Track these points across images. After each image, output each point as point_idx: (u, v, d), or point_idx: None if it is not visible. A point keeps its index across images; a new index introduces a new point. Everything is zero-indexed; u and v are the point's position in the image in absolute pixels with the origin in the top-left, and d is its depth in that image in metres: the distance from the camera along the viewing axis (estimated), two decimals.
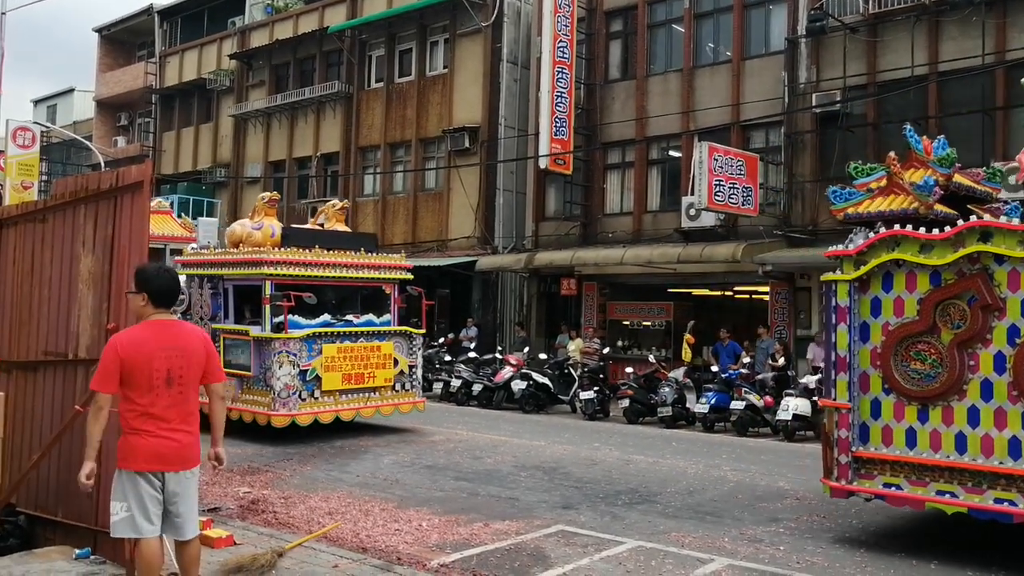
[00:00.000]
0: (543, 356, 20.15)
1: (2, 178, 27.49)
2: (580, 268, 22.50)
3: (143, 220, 5.95)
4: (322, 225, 14.72)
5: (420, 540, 7.49)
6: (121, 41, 41.98)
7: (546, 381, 18.36)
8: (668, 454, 12.70)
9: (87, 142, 35.25)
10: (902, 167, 9.07)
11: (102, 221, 6.24)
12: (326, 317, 13.17)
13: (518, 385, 18.25)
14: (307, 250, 12.97)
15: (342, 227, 14.63)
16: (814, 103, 19.36)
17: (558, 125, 22.30)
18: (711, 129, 20.99)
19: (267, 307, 12.44)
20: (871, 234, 7.94)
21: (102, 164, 31.38)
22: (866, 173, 9.38)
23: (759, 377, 16.12)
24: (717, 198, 18.48)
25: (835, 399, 7.87)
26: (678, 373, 17.15)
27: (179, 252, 17.08)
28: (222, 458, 5.20)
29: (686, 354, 18.44)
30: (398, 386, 13.69)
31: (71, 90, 47.42)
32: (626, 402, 16.82)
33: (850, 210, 9.09)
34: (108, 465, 5.98)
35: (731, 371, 16.55)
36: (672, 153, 22.43)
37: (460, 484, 10.02)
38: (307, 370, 12.49)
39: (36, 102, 49.93)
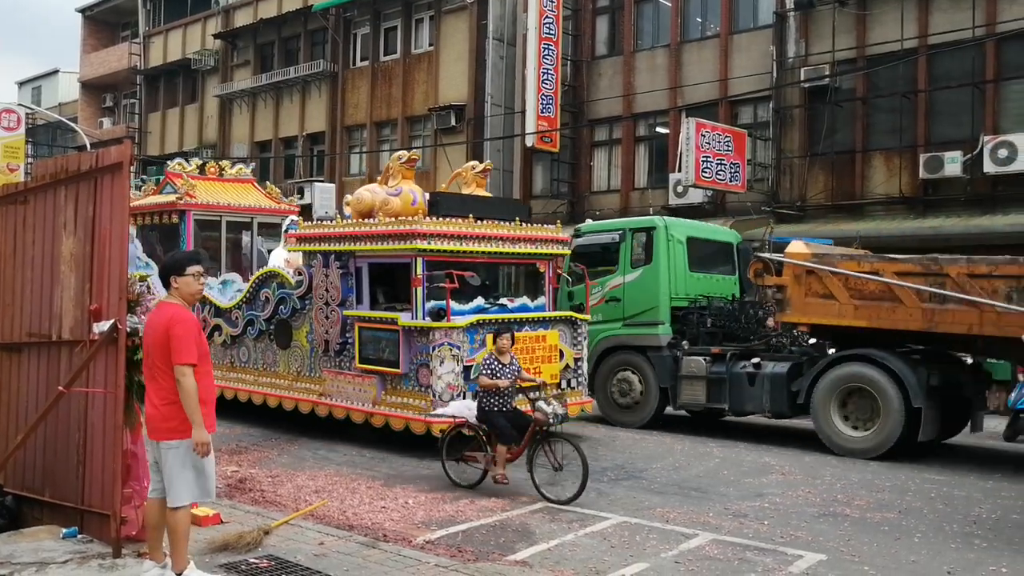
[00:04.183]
0: None
1: None
2: None
3: (123, 201, 5.92)
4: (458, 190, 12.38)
5: (406, 517, 7.52)
6: (105, 21, 41.58)
7: None
8: (655, 430, 12.74)
9: (72, 124, 34.97)
10: None
11: (83, 202, 6.20)
12: (480, 301, 10.98)
13: None
14: (460, 220, 10.65)
15: (482, 193, 12.23)
16: (803, 78, 19.35)
17: (544, 102, 22.24)
18: (699, 105, 20.99)
19: (417, 289, 10.28)
20: None
21: (88, 146, 31.12)
22: None
23: None
24: (705, 175, 18.49)
25: None
26: None
27: (270, 226, 14.82)
28: (193, 446, 5.12)
29: None
30: (563, 383, 11.36)
31: (56, 71, 46.96)
32: None
33: None
34: (94, 443, 6.00)
35: None
36: (659, 130, 22.41)
37: None
38: (471, 366, 10.22)
39: (21, 84, 49.44)
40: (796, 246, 11.72)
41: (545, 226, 11.81)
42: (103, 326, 5.80)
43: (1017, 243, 15.07)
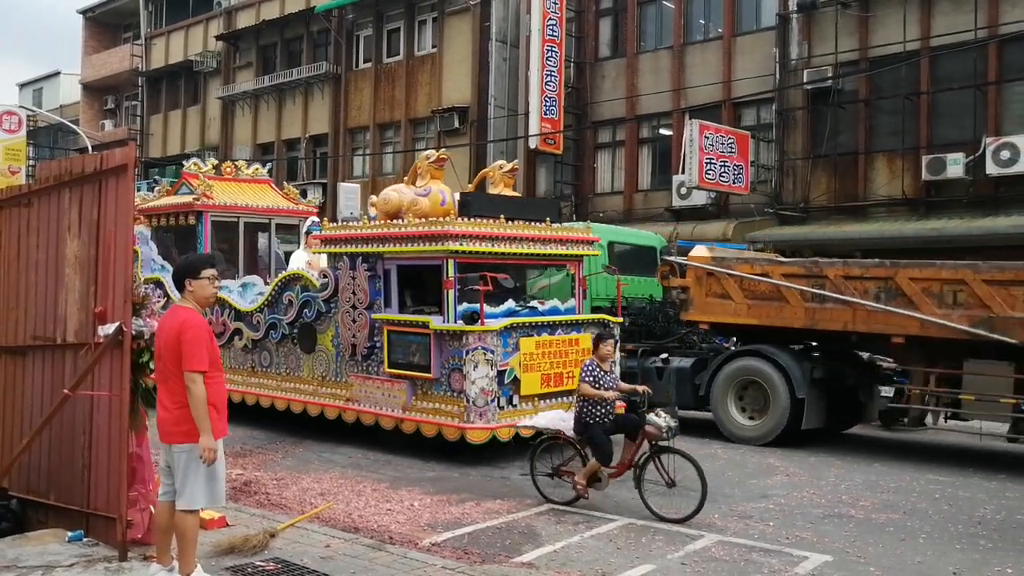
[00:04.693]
0: None
1: None
2: None
3: (128, 203, 5.91)
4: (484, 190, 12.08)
5: (412, 520, 7.51)
6: (106, 23, 41.64)
7: None
8: None
9: (74, 126, 35.01)
10: None
11: (87, 205, 6.20)
12: (511, 304, 10.75)
13: None
14: (492, 221, 10.33)
15: (510, 193, 11.92)
16: (805, 79, 19.35)
17: (548, 104, 22.26)
18: (702, 107, 20.99)
19: (449, 292, 9.98)
20: None
21: (89, 148, 31.17)
22: None
23: None
24: (708, 176, 18.49)
25: None
26: None
27: (287, 227, 14.68)
28: (200, 452, 5.10)
29: None
30: None
31: (57, 73, 47.07)
32: None
33: None
34: (100, 446, 6.00)
35: None
36: (663, 131, 22.42)
37: (452, 464, 10.02)
38: (504, 371, 9.98)
39: (22, 86, 49.57)
40: (699, 250, 12.66)
41: (573, 226, 11.64)
42: (108, 329, 5.80)
43: (1019, 244, 15.09)
